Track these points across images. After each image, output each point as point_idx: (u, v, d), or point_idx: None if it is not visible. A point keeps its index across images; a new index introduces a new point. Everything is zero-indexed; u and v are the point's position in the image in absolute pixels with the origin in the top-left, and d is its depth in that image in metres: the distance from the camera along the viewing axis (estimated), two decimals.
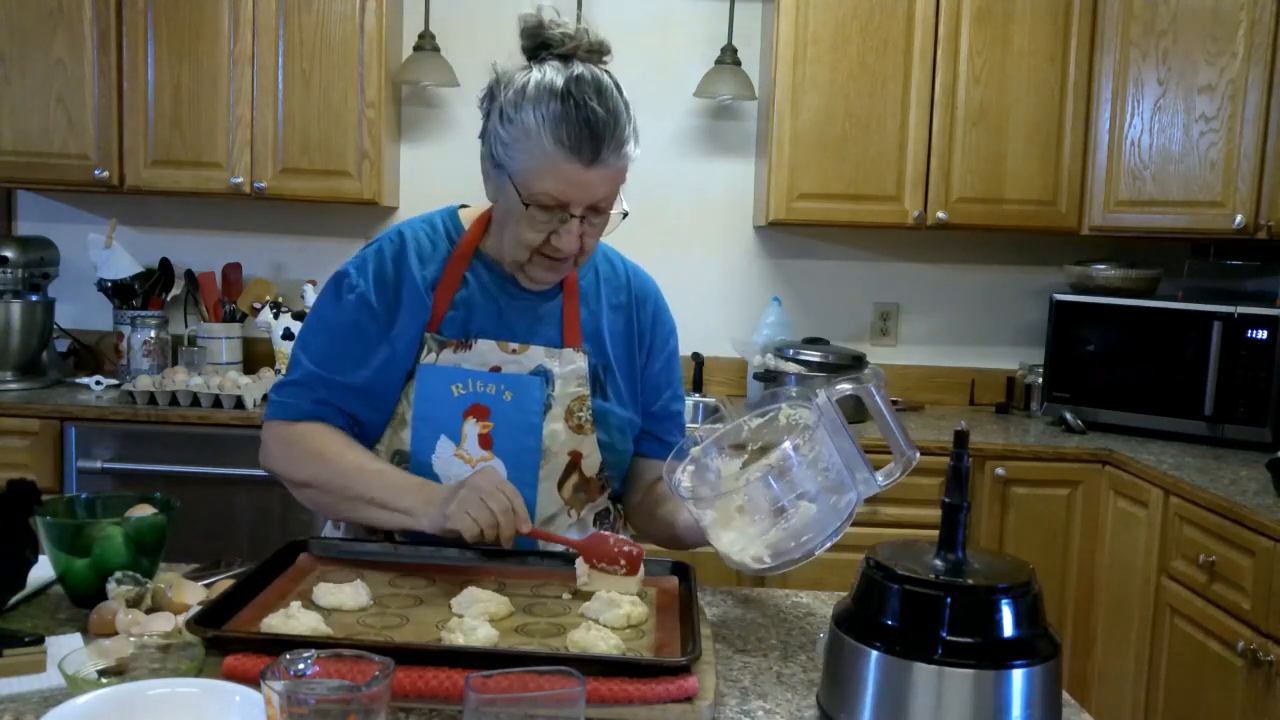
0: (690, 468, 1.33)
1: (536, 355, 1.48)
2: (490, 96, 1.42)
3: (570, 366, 1.49)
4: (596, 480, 1.53)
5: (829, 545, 1.23)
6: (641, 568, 1.33)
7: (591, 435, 1.50)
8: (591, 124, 1.33)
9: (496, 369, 1.47)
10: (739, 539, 1.26)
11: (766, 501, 1.23)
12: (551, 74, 1.36)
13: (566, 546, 1.40)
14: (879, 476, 1.26)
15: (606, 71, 1.40)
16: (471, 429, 1.46)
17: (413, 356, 1.47)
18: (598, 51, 1.40)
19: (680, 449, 1.35)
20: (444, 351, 1.47)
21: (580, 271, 1.55)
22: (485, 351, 1.48)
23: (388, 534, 1.47)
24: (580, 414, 1.49)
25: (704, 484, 1.32)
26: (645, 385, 1.59)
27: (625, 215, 1.44)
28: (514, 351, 1.48)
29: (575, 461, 1.49)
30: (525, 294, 1.51)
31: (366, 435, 1.50)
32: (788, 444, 1.22)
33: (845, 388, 1.27)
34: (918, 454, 1.26)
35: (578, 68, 1.37)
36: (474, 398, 1.46)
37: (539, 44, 1.39)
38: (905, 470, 1.26)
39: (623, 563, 1.32)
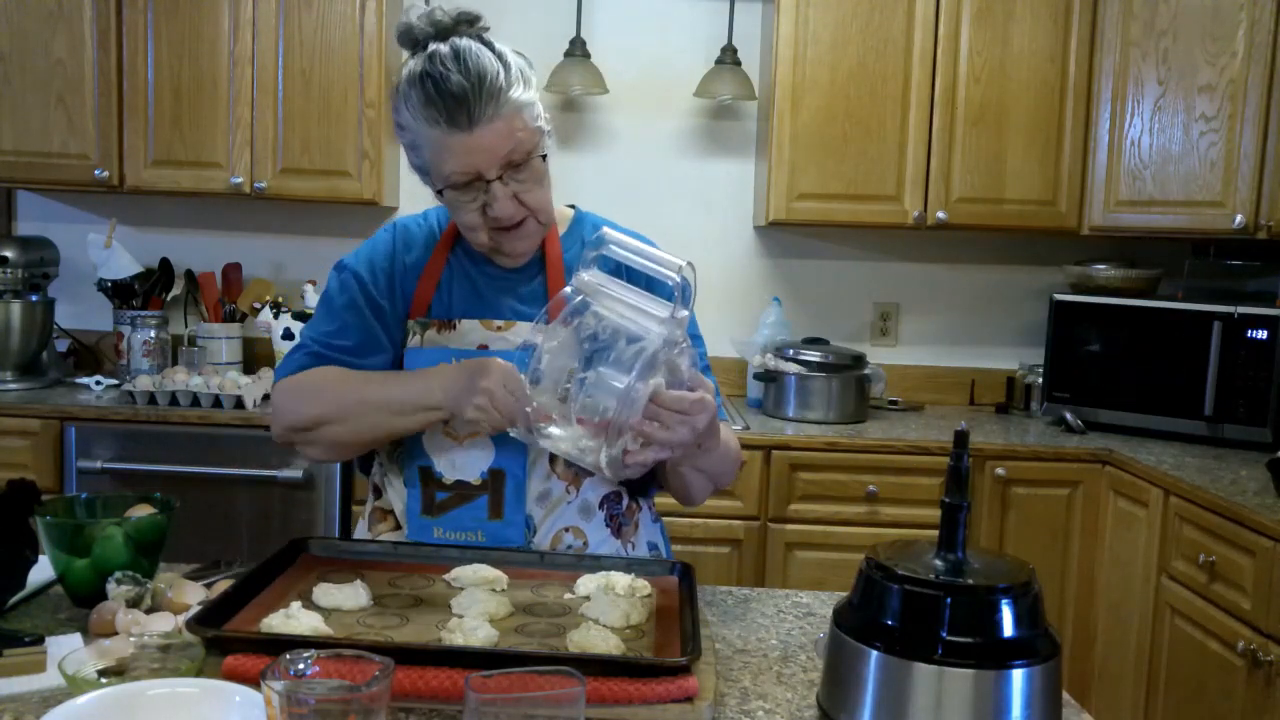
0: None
1: (522, 331, 1.49)
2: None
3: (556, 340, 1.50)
4: None
5: (646, 395, 1.23)
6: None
7: None
8: (454, 93, 1.35)
9: (484, 347, 1.49)
10: (567, 436, 1.28)
11: (573, 389, 1.26)
12: (412, 64, 1.39)
13: None
14: (667, 312, 1.26)
15: (478, 35, 1.41)
16: None
17: (400, 344, 1.51)
18: (466, 23, 1.41)
19: None
20: (428, 333, 1.50)
21: (565, 245, 1.56)
22: (469, 331, 1.50)
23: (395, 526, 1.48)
24: (568, 384, 1.49)
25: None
26: None
27: (544, 158, 1.44)
28: (499, 329, 1.50)
29: None
30: (506, 275, 1.53)
31: None
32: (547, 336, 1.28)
33: (590, 254, 1.30)
34: (690, 267, 1.25)
35: (434, 46, 1.39)
36: None
37: (413, 44, 1.41)
38: (684, 291, 1.25)
39: None
